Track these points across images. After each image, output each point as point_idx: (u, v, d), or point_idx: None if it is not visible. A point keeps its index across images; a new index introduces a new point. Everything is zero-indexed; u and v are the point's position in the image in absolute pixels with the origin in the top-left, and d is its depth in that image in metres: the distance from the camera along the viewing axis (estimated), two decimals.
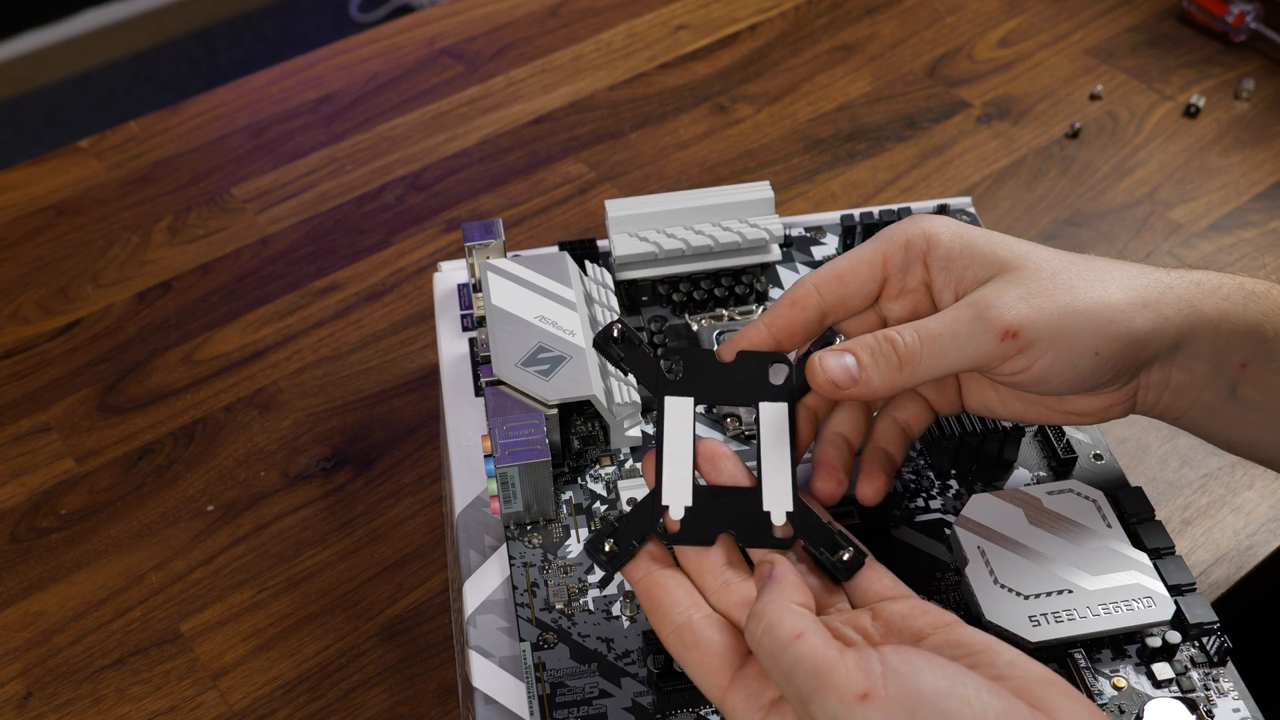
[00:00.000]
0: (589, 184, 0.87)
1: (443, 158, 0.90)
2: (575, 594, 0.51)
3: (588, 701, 0.48)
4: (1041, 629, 0.48)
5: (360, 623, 0.64)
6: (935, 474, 0.56)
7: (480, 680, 0.49)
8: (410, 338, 0.77)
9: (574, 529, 0.54)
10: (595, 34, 1.00)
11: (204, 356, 0.77)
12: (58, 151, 0.91)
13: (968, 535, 0.50)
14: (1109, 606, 0.48)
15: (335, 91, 0.95)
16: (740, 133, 0.91)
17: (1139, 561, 0.49)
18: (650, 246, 0.61)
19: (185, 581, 0.65)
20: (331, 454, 0.71)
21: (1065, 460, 0.56)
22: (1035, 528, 0.51)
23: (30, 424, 0.73)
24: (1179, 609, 0.49)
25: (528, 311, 0.57)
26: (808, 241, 0.66)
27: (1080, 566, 0.49)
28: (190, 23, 2.27)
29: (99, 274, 0.82)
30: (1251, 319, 0.47)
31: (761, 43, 0.99)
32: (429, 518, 0.68)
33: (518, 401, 0.54)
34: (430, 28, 1.01)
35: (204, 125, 0.93)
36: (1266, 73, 0.93)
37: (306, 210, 0.86)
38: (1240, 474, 0.69)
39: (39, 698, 0.61)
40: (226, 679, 0.62)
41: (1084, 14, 1.00)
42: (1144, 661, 0.49)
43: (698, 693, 0.46)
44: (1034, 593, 0.48)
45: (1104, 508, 0.51)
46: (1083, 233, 0.83)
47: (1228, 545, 0.66)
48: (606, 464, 0.56)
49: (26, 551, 0.67)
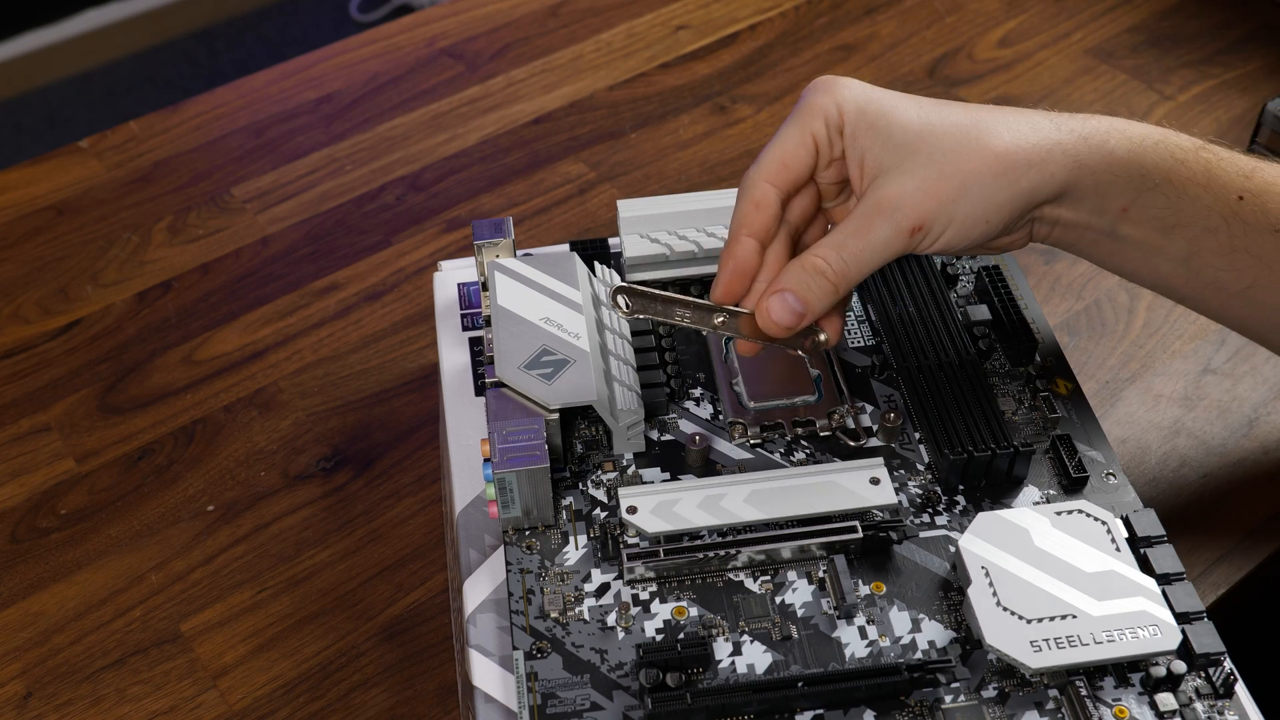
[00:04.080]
0: (589, 184, 0.87)
1: (443, 158, 0.90)
2: (571, 603, 0.51)
3: (578, 714, 0.47)
4: (1043, 654, 0.47)
5: (360, 623, 0.64)
6: (943, 490, 0.55)
7: (480, 679, 0.49)
8: (410, 338, 0.77)
9: (573, 535, 0.53)
10: (595, 34, 1.00)
11: (204, 356, 0.77)
12: (58, 151, 0.91)
13: (972, 555, 0.50)
14: (1113, 633, 0.47)
15: (335, 91, 0.95)
16: (740, 133, 0.91)
17: (1146, 587, 0.48)
18: (661, 248, 0.61)
19: (185, 581, 0.65)
20: (331, 454, 0.71)
21: (1076, 479, 0.55)
22: (1041, 549, 0.50)
23: (30, 424, 0.73)
24: (1185, 638, 0.48)
25: (533, 313, 0.56)
26: None
27: (1086, 591, 0.48)
28: (190, 23, 2.27)
29: (99, 274, 0.82)
30: (1134, 169, 0.53)
31: (761, 43, 0.99)
32: (429, 518, 0.68)
33: (519, 404, 0.53)
34: (430, 28, 1.01)
35: (204, 125, 0.93)
36: (1267, 72, 0.93)
37: (306, 210, 0.86)
38: (1240, 474, 0.69)
39: (39, 698, 0.61)
40: (226, 679, 0.62)
41: (1084, 14, 1.00)
42: (1148, 691, 0.48)
43: (689, 708, 0.46)
44: (1036, 617, 0.48)
45: (1114, 530, 0.50)
46: None
47: (1228, 545, 0.65)
48: (609, 469, 0.56)
49: (26, 551, 0.67)
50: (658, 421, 0.58)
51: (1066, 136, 0.53)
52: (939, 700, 0.48)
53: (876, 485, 0.53)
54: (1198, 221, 0.54)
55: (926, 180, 0.50)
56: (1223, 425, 0.71)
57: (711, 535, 0.52)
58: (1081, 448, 0.56)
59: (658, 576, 0.52)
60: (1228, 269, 0.55)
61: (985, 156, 0.51)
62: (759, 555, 0.52)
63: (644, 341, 0.59)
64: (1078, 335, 0.76)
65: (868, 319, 0.62)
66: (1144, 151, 0.53)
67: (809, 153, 0.52)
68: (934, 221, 0.51)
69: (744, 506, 0.52)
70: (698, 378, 0.60)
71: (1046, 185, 0.52)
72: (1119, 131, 0.54)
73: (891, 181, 0.51)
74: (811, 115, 0.52)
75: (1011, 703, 0.48)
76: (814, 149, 0.52)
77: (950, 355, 0.58)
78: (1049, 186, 0.52)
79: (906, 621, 0.50)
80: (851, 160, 0.52)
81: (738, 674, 0.49)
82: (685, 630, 0.50)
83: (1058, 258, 0.81)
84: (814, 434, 0.57)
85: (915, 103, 0.52)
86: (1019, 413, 0.58)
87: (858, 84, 0.52)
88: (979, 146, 0.51)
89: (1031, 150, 0.52)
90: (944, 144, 0.51)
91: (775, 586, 0.51)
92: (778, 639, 0.50)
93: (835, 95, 0.52)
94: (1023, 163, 0.51)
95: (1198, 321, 0.77)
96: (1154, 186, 0.53)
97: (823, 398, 0.58)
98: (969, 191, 0.51)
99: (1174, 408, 0.72)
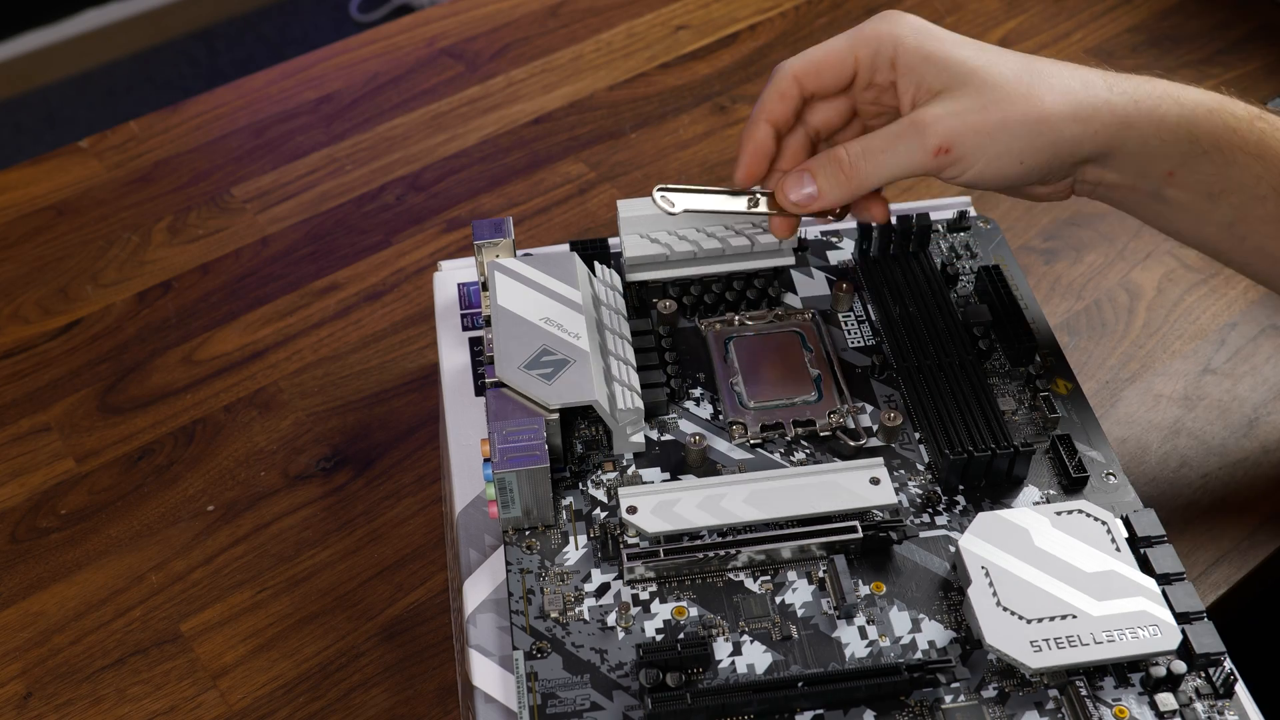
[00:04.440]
0: (589, 184, 0.87)
1: (443, 158, 0.90)
2: (571, 602, 0.51)
3: (578, 714, 0.47)
4: (1043, 654, 0.47)
5: (360, 623, 0.64)
6: (943, 490, 0.55)
7: (480, 679, 0.49)
8: (410, 338, 0.77)
9: (573, 535, 0.53)
10: (595, 34, 1.00)
11: (204, 356, 0.77)
12: (58, 151, 0.91)
13: (972, 555, 0.50)
14: (1113, 633, 0.47)
15: (335, 91, 0.95)
16: (740, 133, 0.91)
17: (1146, 588, 0.48)
18: (661, 248, 0.61)
19: (185, 581, 0.65)
20: (331, 454, 0.71)
21: (1076, 479, 0.55)
22: (1041, 549, 0.50)
23: (30, 424, 0.73)
24: (1186, 638, 0.48)
25: (533, 313, 0.56)
26: (823, 245, 0.66)
27: (1086, 591, 0.48)
28: (190, 23, 2.27)
29: (99, 274, 0.82)
30: (1184, 134, 0.54)
31: (761, 43, 0.99)
32: (429, 518, 0.68)
33: (519, 404, 0.53)
34: (430, 28, 1.01)
35: (204, 125, 0.93)
36: (1267, 72, 0.93)
37: (306, 210, 0.86)
38: (1240, 474, 0.69)
39: (39, 698, 0.61)
40: (226, 679, 0.62)
41: (1084, 14, 1.00)
42: (1148, 691, 0.48)
43: (689, 708, 0.46)
44: (1036, 617, 0.48)
45: (1114, 530, 0.50)
46: (1083, 233, 0.83)
47: (1228, 545, 0.65)
48: (609, 469, 0.56)
49: (26, 551, 0.67)
50: (658, 421, 0.58)
51: (1118, 98, 0.53)
52: (939, 700, 0.48)
53: (876, 485, 0.53)
54: (1245, 189, 0.54)
55: (967, 109, 0.52)
56: (1223, 425, 0.71)
57: (711, 535, 0.52)
58: (1081, 448, 0.56)
59: (658, 576, 0.52)
60: (1275, 237, 0.55)
61: (1032, 102, 0.52)
62: (759, 555, 0.52)
63: (644, 341, 0.59)
64: (1078, 335, 0.76)
65: (868, 319, 0.62)
66: (1195, 118, 0.54)
67: (847, 68, 0.54)
68: (962, 148, 0.52)
69: (744, 506, 0.52)
70: (698, 378, 0.60)
71: (1090, 141, 0.53)
72: (1172, 97, 0.54)
73: (933, 105, 0.53)
74: (864, 39, 0.54)
75: (1011, 703, 0.48)
76: (853, 67, 0.54)
77: (950, 355, 0.58)
78: (1092, 143, 0.53)
79: (906, 621, 0.50)
80: (903, 91, 0.54)
81: (738, 674, 0.49)
82: (685, 630, 0.50)
83: (1058, 257, 0.81)
84: (814, 434, 0.57)
85: (974, 44, 0.54)
86: (1019, 413, 0.58)
87: (919, 21, 0.54)
88: (1028, 92, 0.52)
89: (1079, 105, 0.53)
90: (993, 82, 0.52)
91: (775, 586, 0.51)
92: (778, 639, 0.50)
93: (894, 28, 0.54)
94: (1069, 115, 0.53)
95: (1198, 321, 0.77)
96: (1202, 153, 0.54)
97: (823, 398, 0.58)
98: (1008, 128, 0.52)
99: (1174, 408, 0.72)
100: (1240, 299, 0.78)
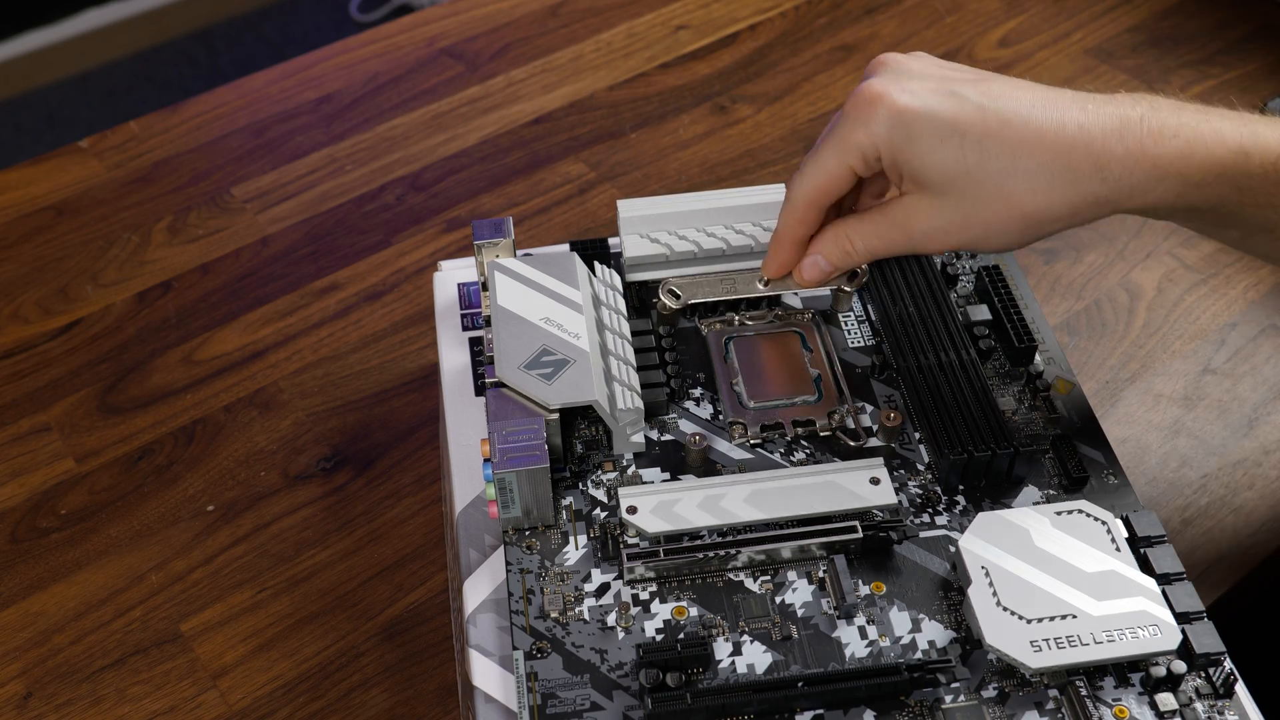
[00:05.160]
0: (589, 184, 0.87)
1: (443, 158, 0.90)
2: (571, 602, 0.51)
3: (578, 714, 0.47)
4: (1043, 654, 0.47)
5: (360, 623, 0.64)
6: (943, 490, 0.55)
7: (480, 679, 0.49)
8: (410, 338, 0.77)
9: (573, 535, 0.53)
10: (595, 34, 1.00)
11: (204, 356, 0.77)
12: (58, 151, 0.91)
13: (972, 555, 0.50)
14: (1113, 633, 0.47)
15: (335, 91, 0.95)
16: (740, 133, 0.91)
17: (1147, 587, 0.48)
18: (661, 248, 0.61)
19: (185, 581, 0.65)
20: (331, 454, 0.71)
21: (1076, 479, 0.55)
22: (1041, 549, 0.50)
23: (30, 424, 0.73)
24: (1186, 638, 0.48)
25: (533, 313, 0.56)
26: None
27: (1086, 591, 0.48)
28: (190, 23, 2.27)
29: (99, 274, 0.82)
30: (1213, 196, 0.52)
31: (761, 43, 0.99)
32: (429, 518, 0.68)
33: (519, 404, 0.53)
34: (430, 28, 1.01)
35: (204, 125, 0.93)
36: (1267, 72, 0.93)
37: (306, 210, 0.86)
38: (1240, 474, 0.69)
39: (39, 698, 0.61)
40: (226, 679, 0.62)
41: (1084, 14, 1.00)
42: (1148, 691, 0.47)
43: (689, 708, 0.46)
44: (1036, 617, 0.48)
45: (1114, 530, 0.50)
46: (1083, 233, 0.83)
47: (1227, 545, 0.65)
48: (609, 469, 0.56)
49: (26, 551, 0.67)
50: (658, 421, 0.58)
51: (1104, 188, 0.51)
52: (939, 700, 0.48)
53: (876, 485, 0.53)
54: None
55: (952, 223, 0.53)
56: (1223, 425, 0.71)
57: (711, 535, 0.52)
58: (1081, 448, 0.56)
59: (658, 576, 0.52)
60: None
61: (1012, 213, 0.52)
62: (759, 555, 0.52)
63: (644, 341, 0.59)
64: (1078, 335, 0.76)
65: (868, 319, 0.62)
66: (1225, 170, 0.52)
67: (849, 178, 0.55)
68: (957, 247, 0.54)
69: (744, 506, 0.52)
70: (698, 378, 0.60)
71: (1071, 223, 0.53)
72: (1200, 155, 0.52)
73: (921, 212, 0.53)
74: (849, 150, 0.54)
75: (1011, 703, 0.48)
76: (854, 175, 0.54)
77: (950, 355, 0.58)
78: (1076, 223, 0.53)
79: (906, 621, 0.50)
80: (890, 175, 0.55)
81: (738, 674, 0.49)
82: (685, 630, 0.50)
83: (1058, 257, 0.81)
84: (814, 434, 0.57)
85: (956, 136, 0.51)
86: (1019, 413, 0.58)
87: (895, 110, 0.51)
88: (1009, 203, 0.52)
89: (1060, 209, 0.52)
90: (974, 194, 0.52)
91: (775, 586, 0.51)
92: (778, 639, 0.50)
93: (871, 132, 0.52)
94: (1049, 216, 0.52)
95: (1198, 321, 0.77)
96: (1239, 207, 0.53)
97: (823, 398, 0.58)
98: (990, 237, 0.53)
99: (1174, 408, 0.72)
100: (1240, 299, 0.78)
